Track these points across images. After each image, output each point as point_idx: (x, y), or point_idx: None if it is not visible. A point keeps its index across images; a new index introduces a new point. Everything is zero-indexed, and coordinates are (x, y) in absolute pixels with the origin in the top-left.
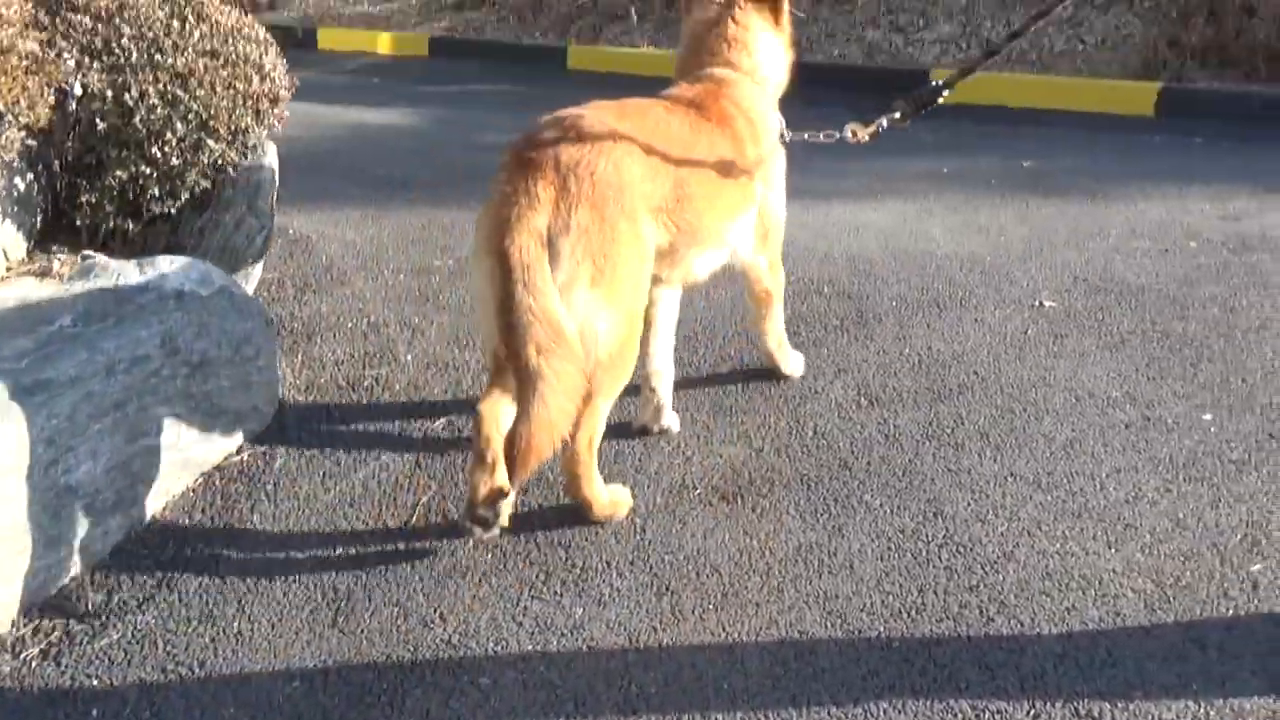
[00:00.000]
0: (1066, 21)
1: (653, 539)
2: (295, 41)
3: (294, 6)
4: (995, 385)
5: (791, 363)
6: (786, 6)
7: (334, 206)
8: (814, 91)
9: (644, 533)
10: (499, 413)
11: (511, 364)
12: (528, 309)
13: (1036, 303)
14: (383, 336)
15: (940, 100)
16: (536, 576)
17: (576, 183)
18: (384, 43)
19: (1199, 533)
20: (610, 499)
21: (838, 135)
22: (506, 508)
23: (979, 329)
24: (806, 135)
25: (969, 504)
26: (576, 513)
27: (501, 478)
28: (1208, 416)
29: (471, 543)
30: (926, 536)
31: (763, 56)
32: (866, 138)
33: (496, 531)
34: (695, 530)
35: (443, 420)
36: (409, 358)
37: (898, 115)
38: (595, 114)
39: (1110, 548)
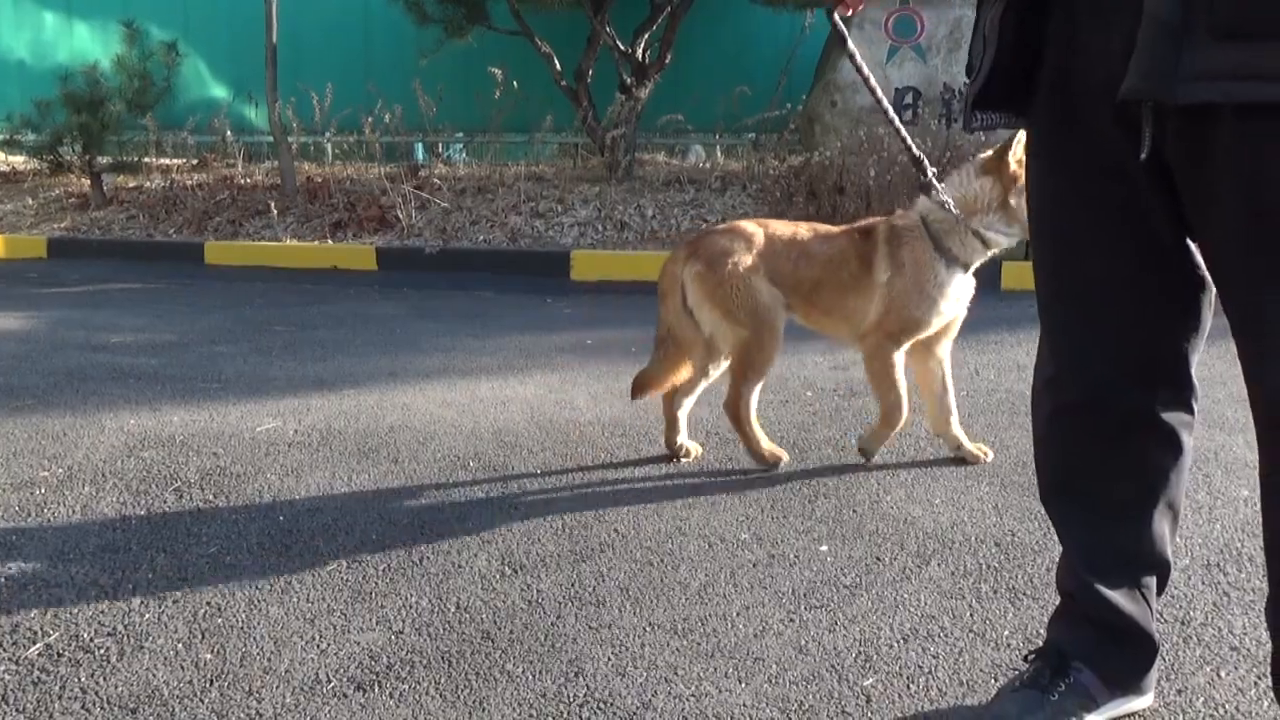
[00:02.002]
0: (689, 203)
1: None
2: None
3: None
4: (635, 540)
5: (966, 449)
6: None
7: None
8: (462, 275)
9: None
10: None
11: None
12: (661, 317)
13: (674, 459)
14: None
15: None
16: None
17: (701, 250)
18: None
19: (819, 657)
20: (769, 449)
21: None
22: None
23: (620, 488)
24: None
25: (610, 659)
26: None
27: (680, 435)
28: (824, 548)
29: None
30: (568, 698)
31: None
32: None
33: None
34: None
35: (39, 645)
36: (1, 580)
37: None
38: (738, 222)
39: (741, 683)
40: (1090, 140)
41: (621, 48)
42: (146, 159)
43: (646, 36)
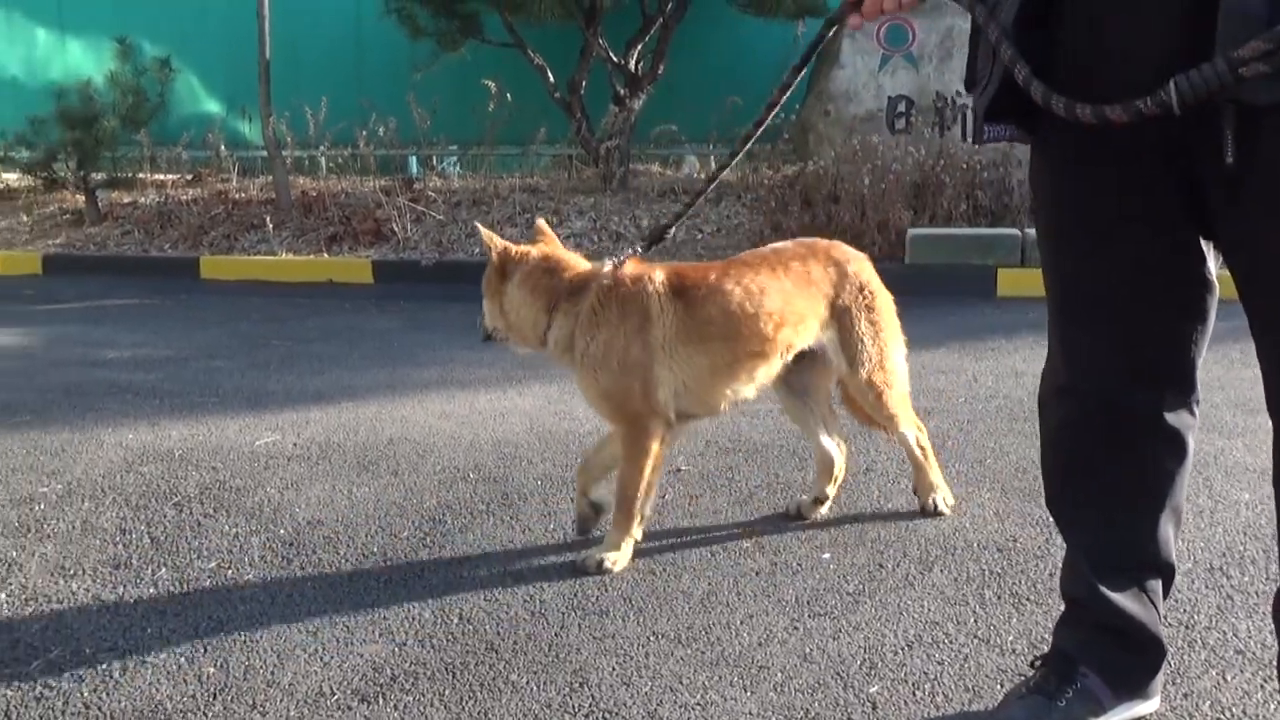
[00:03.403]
0: None
1: None
2: None
3: None
4: (638, 550)
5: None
6: None
7: None
8: (458, 287)
9: None
10: None
11: None
12: None
13: (675, 468)
14: None
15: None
16: None
17: None
18: None
19: (824, 664)
20: None
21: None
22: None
23: None
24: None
25: (614, 669)
26: None
27: None
28: (826, 555)
29: None
30: (573, 708)
31: None
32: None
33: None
34: None
35: (40, 661)
36: (2, 596)
37: (638, 249)
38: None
39: (746, 691)
40: (1112, 147)
41: (614, 59)
42: (141, 174)
43: (639, 48)
